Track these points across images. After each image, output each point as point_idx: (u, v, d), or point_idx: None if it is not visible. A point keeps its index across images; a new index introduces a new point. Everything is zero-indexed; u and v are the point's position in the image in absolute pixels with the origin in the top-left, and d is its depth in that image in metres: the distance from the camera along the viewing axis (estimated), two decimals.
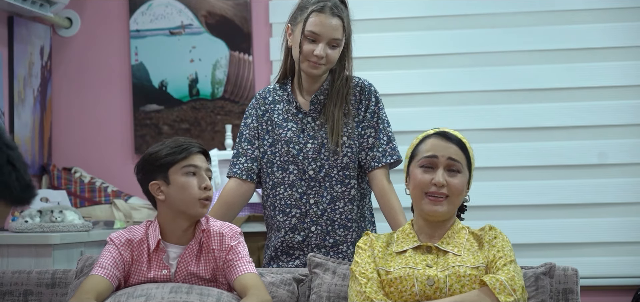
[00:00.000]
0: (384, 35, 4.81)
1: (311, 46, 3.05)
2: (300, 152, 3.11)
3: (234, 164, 3.20)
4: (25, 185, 2.13)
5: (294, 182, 3.12)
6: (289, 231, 3.13)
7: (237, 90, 4.88)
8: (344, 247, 3.13)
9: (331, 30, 3.04)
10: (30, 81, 4.71)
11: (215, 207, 3.17)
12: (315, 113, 3.14)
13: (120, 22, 4.96)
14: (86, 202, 4.72)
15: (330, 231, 3.12)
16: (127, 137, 4.96)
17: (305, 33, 3.06)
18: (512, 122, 4.73)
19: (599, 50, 4.70)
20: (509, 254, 2.56)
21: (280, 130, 3.14)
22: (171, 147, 2.75)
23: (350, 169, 3.12)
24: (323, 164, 3.11)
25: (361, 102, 3.15)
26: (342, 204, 3.13)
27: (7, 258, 3.84)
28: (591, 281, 4.56)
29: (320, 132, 3.12)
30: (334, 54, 3.07)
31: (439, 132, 2.69)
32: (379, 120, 3.15)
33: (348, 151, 3.11)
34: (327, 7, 3.05)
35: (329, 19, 3.05)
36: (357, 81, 3.18)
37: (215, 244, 2.74)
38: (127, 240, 2.75)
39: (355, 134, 3.13)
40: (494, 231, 2.64)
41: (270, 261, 3.19)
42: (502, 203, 4.71)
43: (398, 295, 2.55)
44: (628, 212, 4.66)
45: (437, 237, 2.64)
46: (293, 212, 3.13)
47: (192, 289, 2.64)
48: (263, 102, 3.20)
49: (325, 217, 3.12)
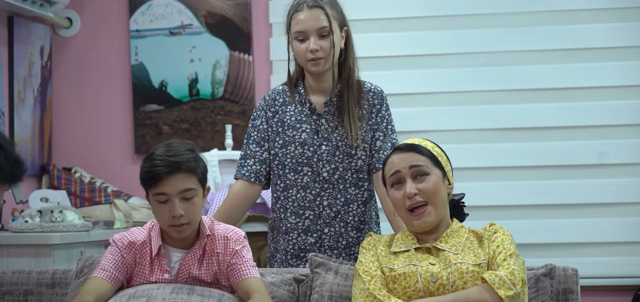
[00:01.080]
0: (384, 35, 4.82)
1: (303, 45, 3.08)
2: (314, 154, 3.11)
3: (242, 166, 3.19)
4: (14, 161, 2.11)
5: (307, 184, 3.12)
6: (302, 232, 3.13)
7: (237, 90, 4.88)
8: (357, 249, 3.13)
9: (313, 21, 3.07)
10: (30, 81, 4.71)
11: (222, 208, 3.17)
12: (329, 115, 3.14)
13: (120, 22, 4.96)
14: (86, 202, 4.72)
15: (343, 233, 3.13)
16: (127, 137, 4.96)
17: (293, 35, 3.10)
18: (512, 122, 4.73)
19: (599, 50, 4.70)
20: (509, 248, 2.56)
21: (293, 131, 3.14)
22: (144, 171, 2.65)
23: (363, 172, 3.14)
24: (337, 166, 3.12)
25: (374, 106, 3.17)
26: (355, 206, 3.14)
27: (7, 258, 3.84)
28: (591, 281, 4.56)
29: (334, 134, 3.12)
30: (326, 44, 3.08)
31: (397, 147, 2.73)
32: (388, 125, 3.19)
33: (362, 154, 3.13)
34: (305, 3, 3.09)
35: (309, 12, 3.08)
36: (369, 86, 3.20)
37: (219, 248, 2.72)
38: (130, 242, 2.73)
39: (368, 138, 3.14)
40: (494, 226, 2.65)
41: (281, 266, 3.18)
42: (502, 203, 4.71)
43: (402, 291, 2.56)
44: (628, 212, 4.66)
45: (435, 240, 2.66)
46: (306, 214, 3.13)
47: (193, 290, 2.63)
48: (273, 104, 3.19)
49: (339, 219, 3.13)
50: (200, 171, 2.68)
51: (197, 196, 2.67)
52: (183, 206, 2.63)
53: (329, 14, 3.08)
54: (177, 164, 2.62)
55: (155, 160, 2.63)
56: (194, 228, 2.70)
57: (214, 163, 4.46)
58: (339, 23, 3.13)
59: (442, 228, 2.67)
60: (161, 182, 2.62)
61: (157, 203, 2.65)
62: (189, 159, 2.65)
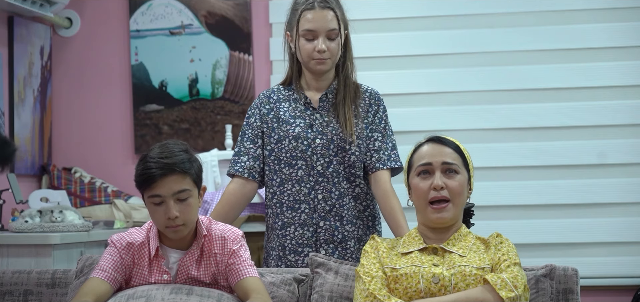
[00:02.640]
0: (384, 35, 4.82)
1: (311, 44, 3.10)
2: (308, 147, 3.13)
3: (236, 162, 3.20)
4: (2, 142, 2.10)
5: (302, 178, 3.13)
6: (299, 226, 3.14)
7: (237, 90, 4.88)
8: (351, 243, 3.14)
9: (325, 22, 3.09)
10: (30, 81, 4.71)
11: (218, 207, 3.17)
12: (324, 110, 3.16)
13: (120, 22, 4.96)
14: (86, 202, 4.72)
15: (338, 226, 3.13)
16: (127, 137, 4.96)
17: (301, 33, 3.10)
18: (512, 122, 4.73)
19: (599, 50, 4.70)
20: (514, 258, 2.58)
21: (287, 126, 3.15)
22: (138, 173, 2.65)
23: (356, 168, 3.15)
24: (331, 159, 3.13)
25: (371, 107, 3.19)
26: (347, 200, 3.15)
27: (7, 258, 3.84)
28: (591, 281, 4.56)
29: (328, 127, 3.14)
30: (334, 46, 3.11)
31: (431, 138, 2.73)
32: (386, 126, 3.20)
33: (356, 150, 3.14)
34: (316, 2, 3.09)
35: (320, 12, 3.09)
36: (366, 88, 3.23)
37: (217, 249, 2.72)
38: (128, 243, 2.73)
39: (364, 135, 3.15)
40: (500, 237, 2.67)
41: (278, 262, 3.18)
42: (502, 203, 4.71)
43: (403, 291, 2.56)
44: (628, 212, 4.66)
45: (443, 241, 2.66)
46: (302, 207, 3.14)
47: (193, 291, 2.63)
48: (268, 101, 3.21)
49: (334, 213, 3.13)
50: (195, 171, 2.68)
51: (192, 196, 2.66)
52: (178, 207, 2.63)
53: (338, 16, 3.11)
54: (170, 166, 2.62)
55: (148, 162, 2.63)
56: (191, 229, 2.70)
57: (214, 163, 4.45)
58: (345, 25, 3.16)
59: (452, 230, 2.68)
60: (155, 184, 2.62)
61: (152, 205, 2.65)
62: (183, 160, 2.64)
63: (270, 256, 3.21)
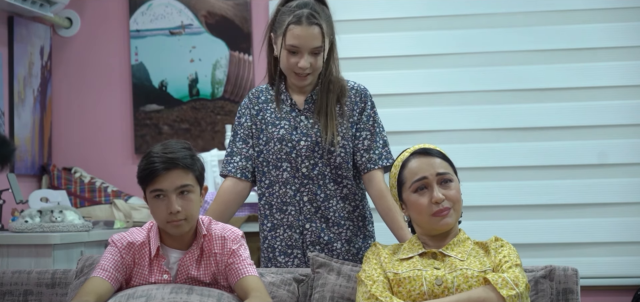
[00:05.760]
0: (384, 35, 4.81)
1: (294, 58, 3.08)
2: (293, 149, 3.12)
3: (228, 163, 3.20)
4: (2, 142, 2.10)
5: (287, 180, 3.13)
6: (288, 228, 3.14)
7: (237, 90, 4.88)
8: (338, 245, 3.13)
9: (310, 40, 3.06)
10: (30, 81, 4.71)
11: (213, 206, 3.17)
12: (309, 112, 3.15)
13: (120, 22, 4.96)
14: (86, 202, 4.72)
15: (324, 229, 3.13)
16: (127, 137, 4.96)
17: (285, 46, 3.08)
18: (512, 122, 4.73)
19: (599, 50, 4.71)
20: (515, 259, 2.59)
21: (273, 128, 3.15)
22: (141, 168, 2.68)
23: (342, 169, 3.13)
24: (316, 162, 3.12)
25: (357, 105, 3.16)
26: (335, 202, 3.13)
27: (7, 258, 3.84)
28: (591, 281, 4.56)
29: (313, 129, 3.12)
30: (317, 61, 3.09)
31: (417, 151, 2.72)
32: (374, 123, 3.16)
33: (342, 151, 3.12)
34: (304, 17, 3.06)
35: (307, 29, 3.06)
36: (353, 84, 3.19)
37: (217, 248, 2.73)
38: (129, 243, 2.73)
39: (349, 135, 3.13)
40: (500, 241, 2.67)
41: (267, 263, 3.18)
42: (502, 203, 4.71)
43: (406, 294, 2.57)
44: (628, 212, 4.66)
45: (441, 246, 2.67)
46: (289, 209, 3.14)
47: (193, 290, 2.64)
48: (256, 101, 3.21)
49: (320, 215, 3.13)
50: (197, 169, 2.70)
51: (194, 192, 2.68)
52: (180, 201, 2.65)
53: (324, 32, 3.08)
54: (174, 160, 2.65)
55: (152, 157, 2.66)
56: (192, 226, 2.71)
57: (214, 163, 4.46)
58: (330, 39, 3.13)
59: (451, 235, 2.69)
60: (158, 178, 2.64)
61: (154, 200, 2.67)
62: (186, 156, 2.68)
63: (262, 257, 3.22)
